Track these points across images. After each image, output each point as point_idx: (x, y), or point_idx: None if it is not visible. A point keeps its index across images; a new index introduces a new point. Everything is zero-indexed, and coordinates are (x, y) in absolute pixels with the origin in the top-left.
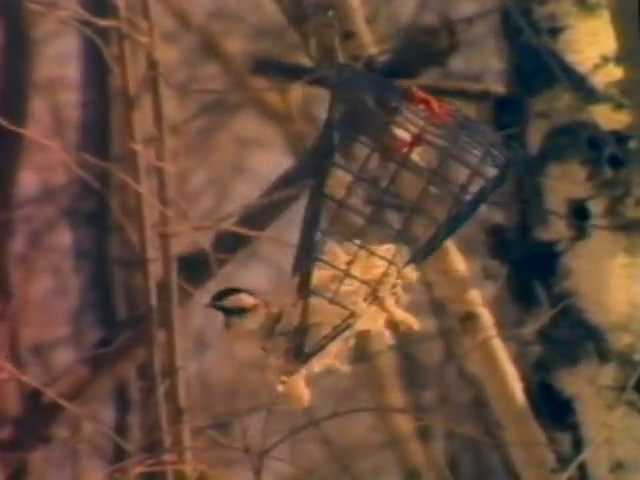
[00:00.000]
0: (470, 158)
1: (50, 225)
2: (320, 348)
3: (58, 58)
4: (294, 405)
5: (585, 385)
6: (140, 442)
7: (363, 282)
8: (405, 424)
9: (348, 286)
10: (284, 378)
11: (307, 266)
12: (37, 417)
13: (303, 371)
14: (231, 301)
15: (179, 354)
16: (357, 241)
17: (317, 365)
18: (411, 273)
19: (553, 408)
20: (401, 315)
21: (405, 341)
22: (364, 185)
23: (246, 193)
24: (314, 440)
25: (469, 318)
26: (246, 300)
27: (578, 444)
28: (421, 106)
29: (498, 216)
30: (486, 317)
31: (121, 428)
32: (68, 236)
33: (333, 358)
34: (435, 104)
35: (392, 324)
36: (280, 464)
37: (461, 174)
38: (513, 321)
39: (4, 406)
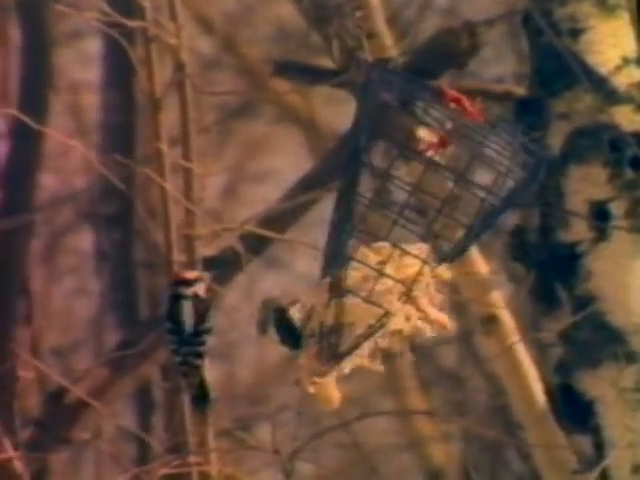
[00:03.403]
0: (499, 159)
1: (71, 227)
2: (354, 347)
3: (80, 60)
4: (324, 406)
5: (607, 387)
6: (164, 443)
7: (398, 281)
8: (426, 426)
9: (382, 286)
10: (315, 379)
11: (340, 266)
12: (59, 419)
13: (333, 372)
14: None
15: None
16: (384, 240)
17: (348, 365)
18: (445, 272)
19: (574, 410)
20: (435, 314)
21: (425, 344)
22: (393, 185)
23: (266, 196)
24: (336, 443)
25: (491, 320)
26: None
27: (600, 446)
28: (452, 105)
29: (519, 218)
30: (508, 319)
31: (145, 429)
32: (89, 238)
33: (365, 358)
34: (467, 102)
35: (427, 323)
36: (301, 467)
37: (490, 175)
38: (535, 323)
39: (26, 407)
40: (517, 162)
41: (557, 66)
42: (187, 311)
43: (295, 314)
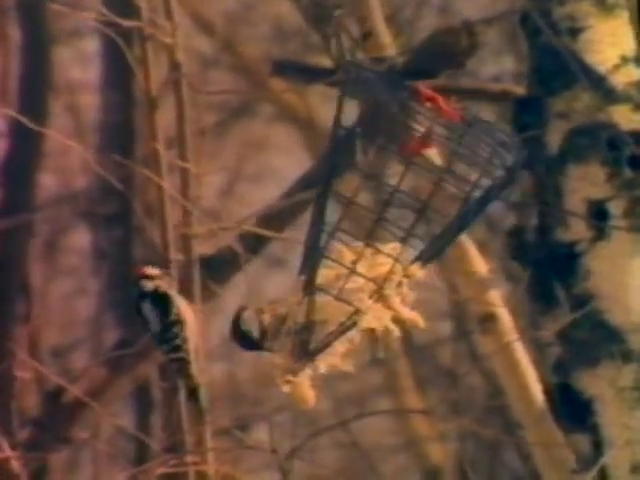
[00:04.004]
0: (477, 158)
1: (70, 227)
2: (325, 345)
3: (79, 59)
4: (299, 406)
5: (605, 386)
6: (162, 443)
7: (369, 280)
8: (423, 426)
9: (354, 284)
10: (290, 378)
11: (313, 264)
12: (57, 418)
13: (308, 372)
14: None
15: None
16: (363, 240)
17: (322, 365)
18: (417, 271)
19: (573, 409)
20: (407, 313)
21: (422, 343)
22: (373, 184)
23: (264, 195)
24: (333, 443)
25: (489, 319)
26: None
27: (598, 445)
28: (428, 104)
29: (518, 217)
30: (506, 318)
31: (143, 429)
32: (88, 238)
33: (338, 358)
34: (442, 102)
35: (398, 322)
36: (299, 466)
37: (469, 174)
38: (533, 322)
39: (24, 407)
40: (494, 162)
41: (555, 65)
42: (147, 310)
43: (250, 318)
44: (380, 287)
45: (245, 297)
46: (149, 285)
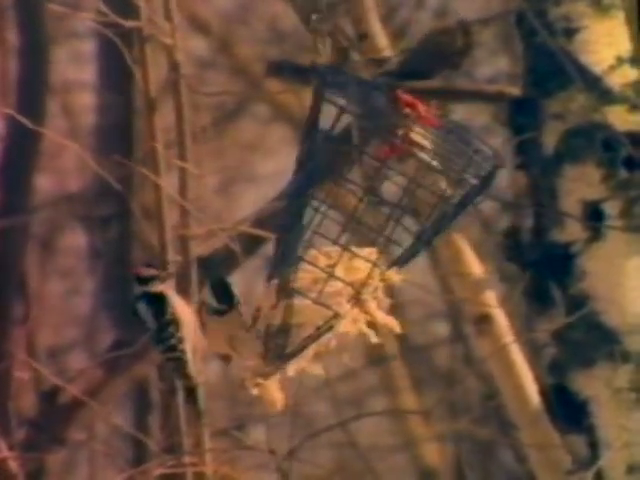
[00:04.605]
0: (451, 164)
1: (66, 228)
2: (301, 349)
3: (77, 60)
4: (268, 409)
5: (601, 387)
6: (160, 443)
7: (347, 284)
8: (419, 426)
9: (331, 288)
10: (259, 381)
11: (289, 268)
12: (54, 418)
13: (276, 375)
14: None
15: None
16: (340, 244)
17: (292, 369)
18: (393, 276)
19: (569, 410)
20: (382, 318)
21: (419, 344)
22: (348, 189)
23: (257, 198)
24: (331, 443)
25: (484, 320)
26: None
27: (594, 446)
28: (407, 110)
29: (513, 218)
30: (502, 319)
31: (141, 429)
32: (85, 239)
33: (308, 361)
34: (421, 107)
35: (373, 326)
36: (297, 466)
37: (442, 180)
38: (529, 323)
39: (21, 407)
40: (470, 168)
41: (551, 66)
42: (142, 310)
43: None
44: (358, 291)
45: (241, 297)
46: (145, 285)
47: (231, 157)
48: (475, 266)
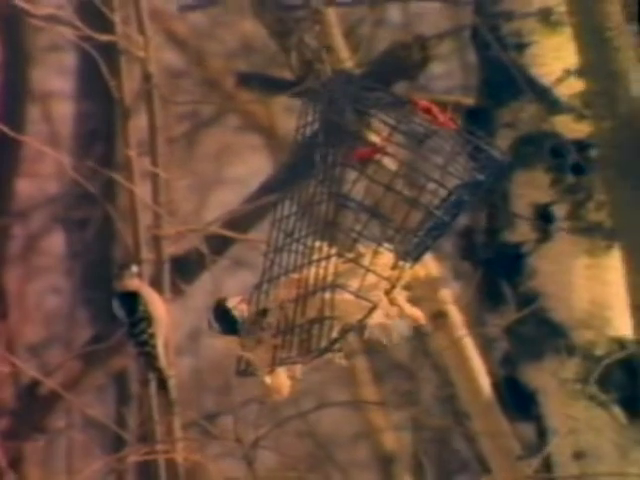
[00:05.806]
0: (432, 167)
1: (45, 230)
2: (336, 341)
3: (56, 71)
4: (274, 396)
5: (549, 379)
6: (135, 433)
7: (384, 278)
8: (378, 416)
9: (367, 282)
10: (272, 369)
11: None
12: (33, 409)
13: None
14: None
15: (172, 349)
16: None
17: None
18: (421, 271)
19: (518, 400)
20: (410, 310)
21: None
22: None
23: (228, 200)
24: (295, 432)
25: (440, 316)
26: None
27: (542, 434)
28: (423, 114)
29: (468, 219)
30: (456, 315)
31: (121, 420)
32: (62, 240)
33: (335, 352)
34: (437, 112)
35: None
36: (262, 455)
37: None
38: (481, 318)
39: (2, 399)
40: (450, 170)
41: (503, 78)
42: (116, 307)
43: (231, 304)
44: (393, 285)
45: (210, 295)
46: (119, 284)
47: (202, 163)
48: (431, 266)
